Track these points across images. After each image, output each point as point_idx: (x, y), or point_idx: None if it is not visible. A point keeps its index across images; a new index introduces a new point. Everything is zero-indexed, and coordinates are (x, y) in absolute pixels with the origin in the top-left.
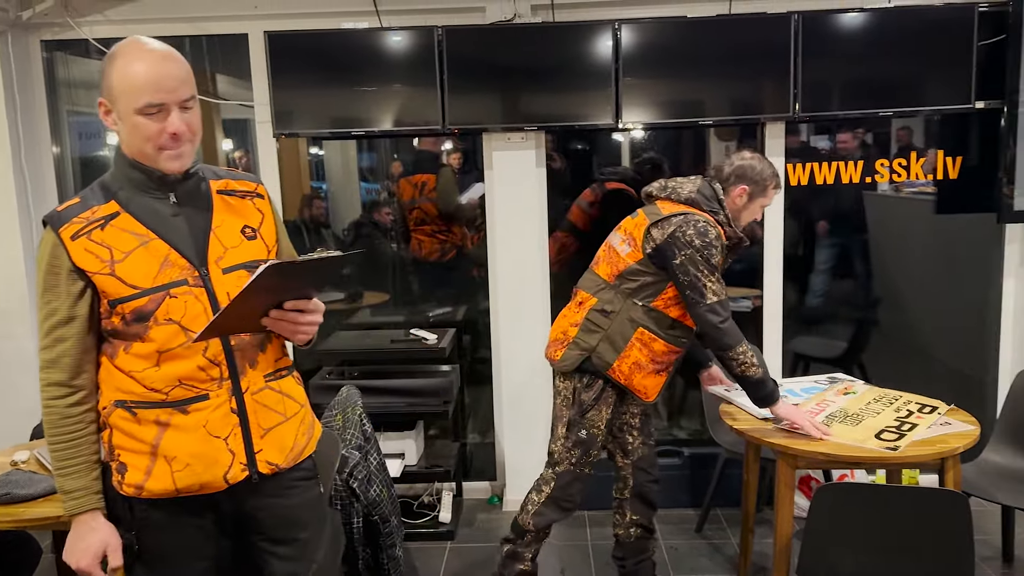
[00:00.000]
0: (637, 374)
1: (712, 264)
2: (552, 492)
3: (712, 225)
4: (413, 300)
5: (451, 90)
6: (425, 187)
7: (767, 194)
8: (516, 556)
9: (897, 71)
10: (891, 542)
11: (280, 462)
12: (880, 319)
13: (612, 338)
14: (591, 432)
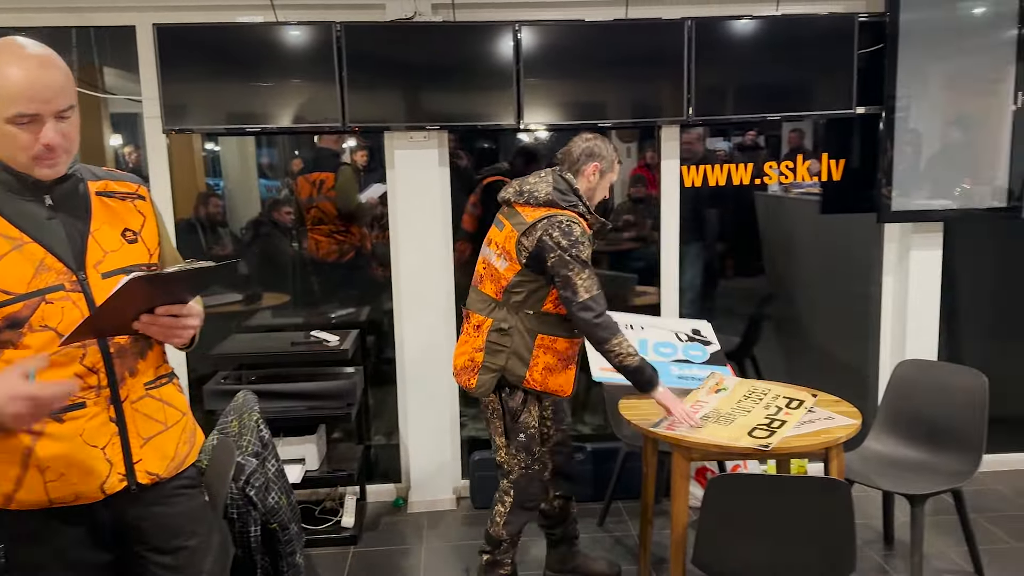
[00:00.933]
0: (550, 377)
1: (582, 260)
2: (514, 499)
3: (574, 220)
4: (315, 301)
5: (351, 87)
6: (323, 185)
7: (614, 169)
8: (496, 563)
9: (785, 77)
10: (779, 528)
11: (160, 472)
12: (772, 314)
13: (518, 353)
14: (528, 433)
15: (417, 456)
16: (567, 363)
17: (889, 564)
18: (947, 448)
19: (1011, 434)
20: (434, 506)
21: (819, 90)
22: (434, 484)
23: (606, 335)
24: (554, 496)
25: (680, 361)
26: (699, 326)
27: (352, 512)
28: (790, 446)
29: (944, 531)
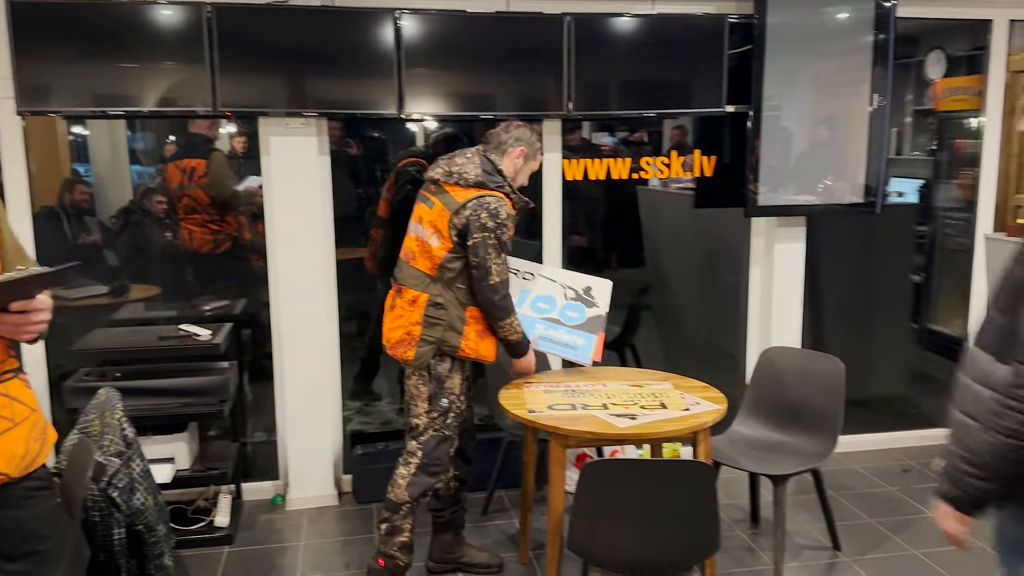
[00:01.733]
0: (481, 343)
1: (501, 243)
2: (420, 460)
3: (502, 203)
4: (188, 294)
5: (223, 71)
6: (195, 173)
7: (536, 158)
8: (395, 530)
9: (661, 75)
10: (649, 511)
11: (9, 471)
12: (651, 304)
13: (452, 325)
14: (451, 398)
15: (296, 452)
16: (488, 332)
17: (755, 542)
18: (807, 430)
19: (866, 416)
20: (314, 502)
21: (692, 88)
22: (315, 480)
23: (503, 315)
24: (451, 476)
25: (550, 320)
26: (594, 284)
27: (226, 511)
28: (659, 431)
29: (805, 509)
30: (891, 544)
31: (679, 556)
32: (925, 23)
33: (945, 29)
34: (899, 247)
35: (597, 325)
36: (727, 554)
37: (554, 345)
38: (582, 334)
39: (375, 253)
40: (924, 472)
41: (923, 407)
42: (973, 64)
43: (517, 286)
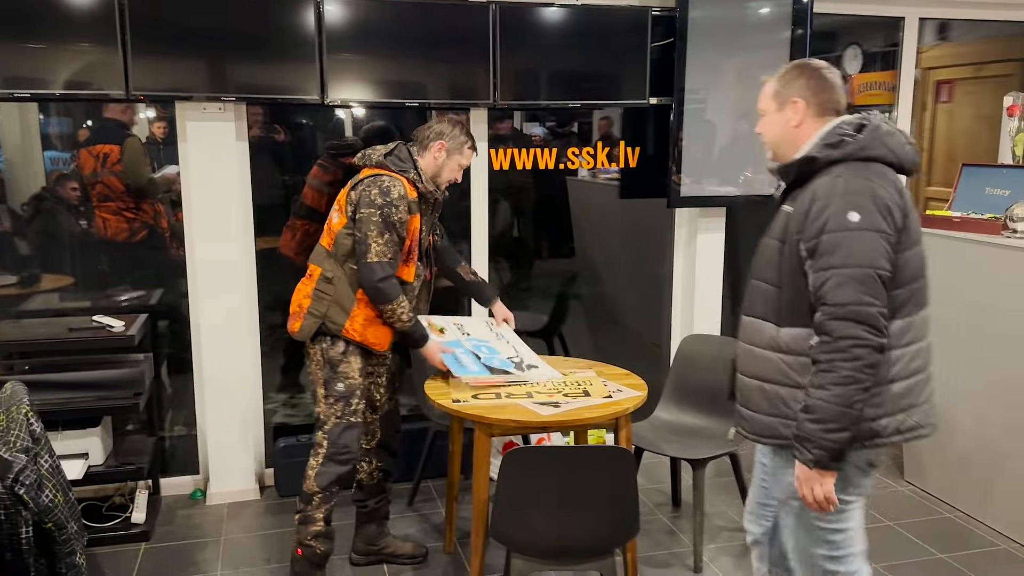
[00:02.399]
0: (369, 329)
1: (388, 223)
2: (327, 450)
3: (398, 183)
4: (102, 284)
5: (136, 53)
6: (108, 159)
7: (463, 152)
8: (308, 520)
9: (585, 66)
10: (570, 497)
11: None
12: (579, 293)
13: (340, 302)
14: (347, 383)
15: (217, 446)
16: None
17: (676, 525)
18: (725, 415)
19: None
20: (235, 496)
21: (617, 80)
22: (236, 474)
23: (382, 299)
24: (375, 468)
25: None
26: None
27: (143, 507)
28: (581, 418)
29: (724, 492)
30: None
31: (600, 540)
32: (843, 19)
33: (861, 25)
34: None
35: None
36: (649, 537)
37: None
38: (481, 369)
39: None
40: None
41: None
42: (888, 60)
43: (483, 333)
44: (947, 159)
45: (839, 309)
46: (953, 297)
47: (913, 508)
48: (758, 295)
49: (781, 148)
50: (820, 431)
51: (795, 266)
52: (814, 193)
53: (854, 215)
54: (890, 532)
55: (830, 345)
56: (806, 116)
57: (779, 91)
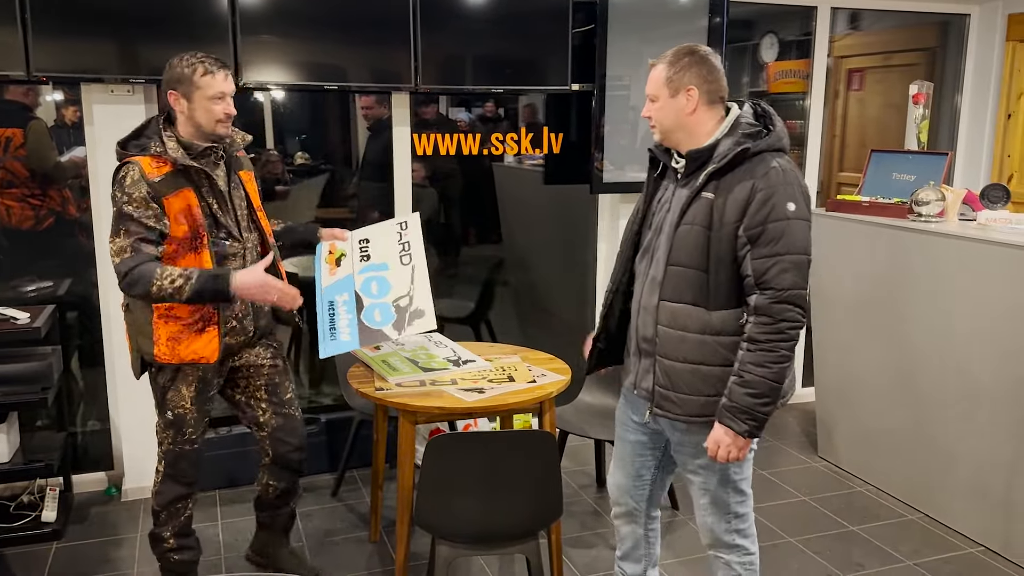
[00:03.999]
0: (179, 347)
1: (123, 215)
2: (164, 470)
3: (130, 166)
4: (6, 274)
5: (37, 31)
6: (11, 143)
7: (200, 82)
8: (157, 538)
9: (507, 51)
10: (494, 482)
11: None
12: (506, 279)
13: (140, 328)
14: (177, 412)
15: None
16: (199, 326)
17: (600, 505)
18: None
19: None
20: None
21: (540, 66)
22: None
23: (142, 290)
24: (267, 484)
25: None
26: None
27: (54, 505)
28: (505, 403)
29: None
30: None
31: (525, 524)
32: (759, 8)
33: (777, 14)
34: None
35: (370, 341)
36: (574, 518)
37: (326, 319)
38: (354, 336)
39: None
40: None
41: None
42: (803, 48)
43: (390, 255)
44: (858, 145)
45: (782, 293)
46: (862, 278)
47: (826, 483)
48: (683, 281)
49: (675, 135)
50: (758, 404)
51: (727, 252)
52: (753, 184)
53: (791, 205)
54: (805, 506)
55: (771, 326)
56: (699, 104)
57: (672, 78)
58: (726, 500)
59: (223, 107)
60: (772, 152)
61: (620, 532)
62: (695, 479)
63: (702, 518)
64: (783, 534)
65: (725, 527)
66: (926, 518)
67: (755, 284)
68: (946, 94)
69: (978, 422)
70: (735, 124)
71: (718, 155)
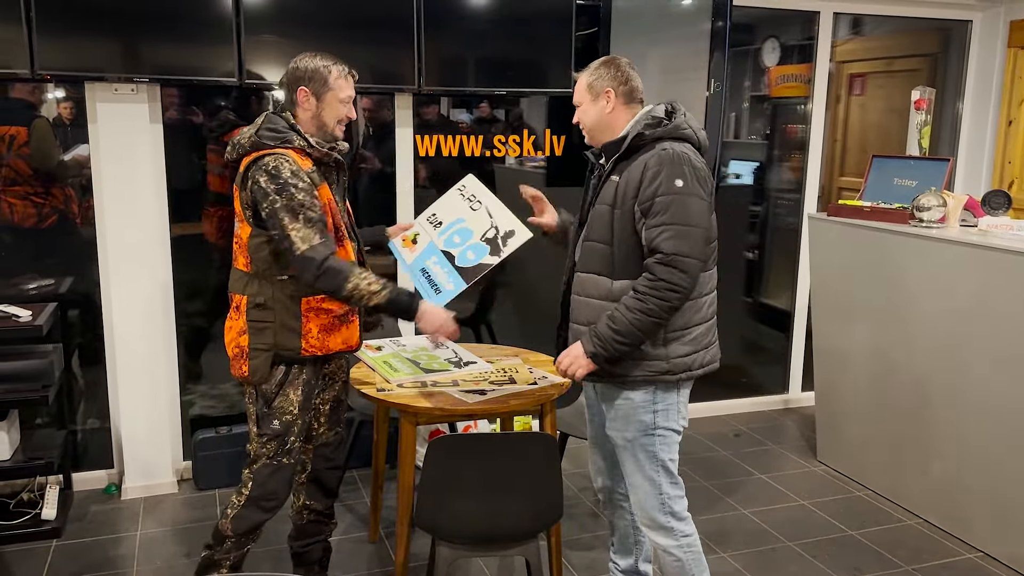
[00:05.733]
0: (329, 338)
1: (295, 205)
2: (251, 492)
3: (284, 158)
4: (9, 272)
5: (42, 30)
6: (15, 141)
7: (334, 84)
8: (212, 564)
9: (511, 53)
10: (494, 484)
11: None
12: (505, 281)
13: (286, 324)
14: (284, 420)
15: (132, 439)
16: (344, 319)
17: (599, 508)
18: None
19: (703, 385)
20: (152, 491)
21: (542, 68)
22: (152, 467)
23: (335, 284)
24: (303, 505)
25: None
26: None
27: (53, 503)
28: (507, 405)
29: None
30: (723, 504)
31: (525, 526)
32: (761, 12)
33: (779, 19)
34: (735, 226)
35: (475, 275)
36: (574, 520)
37: (426, 283)
38: (456, 279)
39: (214, 228)
40: (753, 436)
41: (754, 376)
42: (805, 53)
43: (460, 211)
44: (859, 150)
45: (666, 257)
46: (862, 283)
47: (825, 488)
48: (594, 254)
49: (597, 132)
50: (612, 337)
51: (628, 227)
52: (645, 163)
53: (679, 181)
54: (804, 511)
55: (651, 283)
56: (617, 104)
57: (592, 84)
58: (655, 479)
59: (347, 110)
60: (671, 140)
61: (611, 525)
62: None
63: (633, 495)
64: (781, 538)
65: (657, 503)
66: (925, 523)
67: (648, 251)
68: (948, 100)
69: (978, 427)
70: (643, 118)
71: (618, 142)
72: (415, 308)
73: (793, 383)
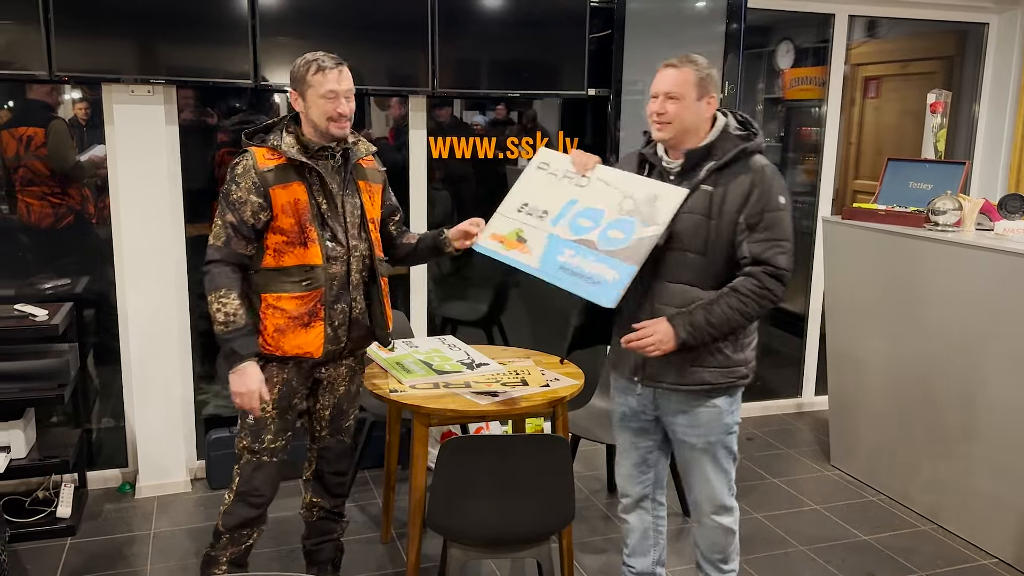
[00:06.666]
0: (283, 339)
1: (228, 201)
2: (238, 488)
3: (246, 158)
4: (26, 271)
5: (60, 31)
6: (32, 142)
7: (312, 81)
8: (211, 561)
9: (525, 56)
10: (506, 485)
11: None
12: (518, 282)
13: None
14: (257, 417)
15: (146, 438)
16: (303, 321)
17: (611, 511)
18: None
19: None
20: (166, 489)
21: (556, 70)
22: (166, 466)
23: (206, 290)
24: (311, 502)
25: (582, 243)
26: (662, 194)
27: (68, 501)
28: (519, 407)
29: None
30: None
31: (537, 528)
32: (776, 15)
33: (794, 21)
34: None
35: (640, 252)
36: (585, 523)
37: (576, 279)
38: (616, 264)
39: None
40: (767, 440)
41: (768, 380)
42: (819, 55)
43: (565, 192)
44: (874, 153)
45: (776, 270)
46: (877, 286)
47: (839, 492)
48: (684, 264)
49: (684, 134)
50: (706, 329)
51: (725, 238)
52: (752, 178)
53: (782, 198)
54: (817, 515)
55: (758, 289)
56: (712, 110)
57: (703, 81)
58: (719, 483)
59: (335, 105)
60: (758, 153)
61: (628, 526)
62: (699, 452)
63: (705, 489)
64: (795, 543)
65: (726, 490)
66: (940, 529)
67: (752, 263)
68: (964, 103)
69: (993, 432)
70: (724, 128)
71: (719, 153)
72: (235, 362)
73: (807, 387)
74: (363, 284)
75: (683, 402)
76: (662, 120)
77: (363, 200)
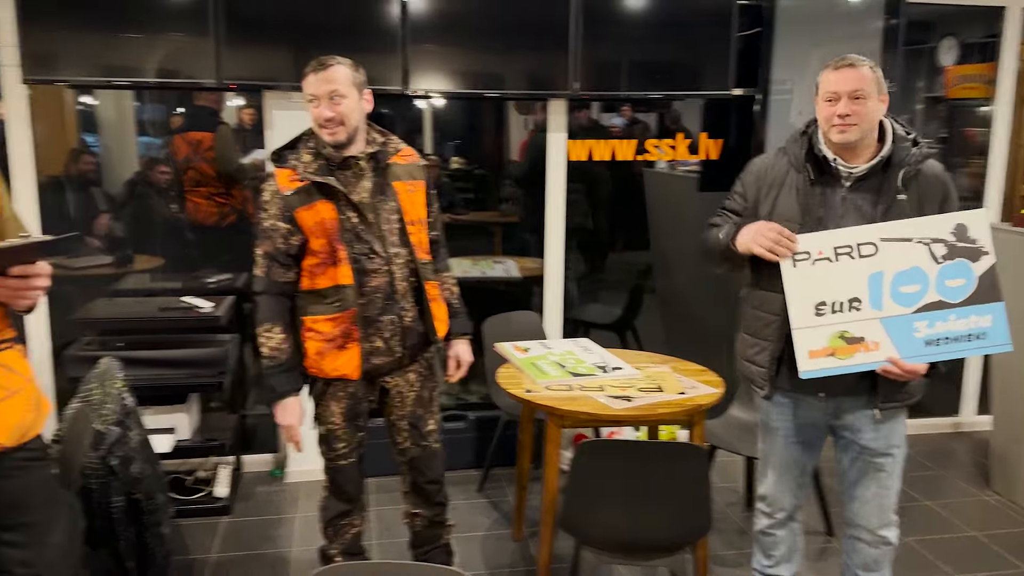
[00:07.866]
0: (323, 361)
1: (261, 229)
2: (327, 485)
3: (269, 182)
4: (191, 266)
5: (228, 42)
6: (201, 145)
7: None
8: (325, 555)
9: (667, 56)
10: (642, 492)
11: (5, 441)
12: (653, 286)
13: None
14: (327, 428)
15: None
16: (338, 343)
17: (747, 525)
18: None
19: None
20: (313, 476)
21: (700, 70)
22: (313, 454)
23: (256, 318)
24: (412, 513)
25: (930, 309)
26: (967, 220)
27: (225, 482)
28: (654, 413)
29: None
30: None
31: (672, 537)
32: (938, 9)
33: (958, 15)
34: None
35: (993, 286)
36: (720, 536)
37: (953, 345)
38: (981, 309)
39: None
40: (919, 460)
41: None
42: (986, 51)
43: (862, 270)
44: None
45: None
46: None
47: (999, 519)
48: None
49: (866, 137)
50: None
51: None
52: (943, 183)
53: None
54: (974, 543)
55: None
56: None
57: (879, 80)
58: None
59: (318, 111)
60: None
61: (775, 540)
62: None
63: (883, 500)
64: (948, 570)
65: (896, 502)
66: None
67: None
68: None
69: None
70: (902, 132)
71: (910, 159)
72: (277, 396)
73: (966, 405)
74: (412, 291)
75: (886, 416)
76: (848, 122)
77: (401, 202)
